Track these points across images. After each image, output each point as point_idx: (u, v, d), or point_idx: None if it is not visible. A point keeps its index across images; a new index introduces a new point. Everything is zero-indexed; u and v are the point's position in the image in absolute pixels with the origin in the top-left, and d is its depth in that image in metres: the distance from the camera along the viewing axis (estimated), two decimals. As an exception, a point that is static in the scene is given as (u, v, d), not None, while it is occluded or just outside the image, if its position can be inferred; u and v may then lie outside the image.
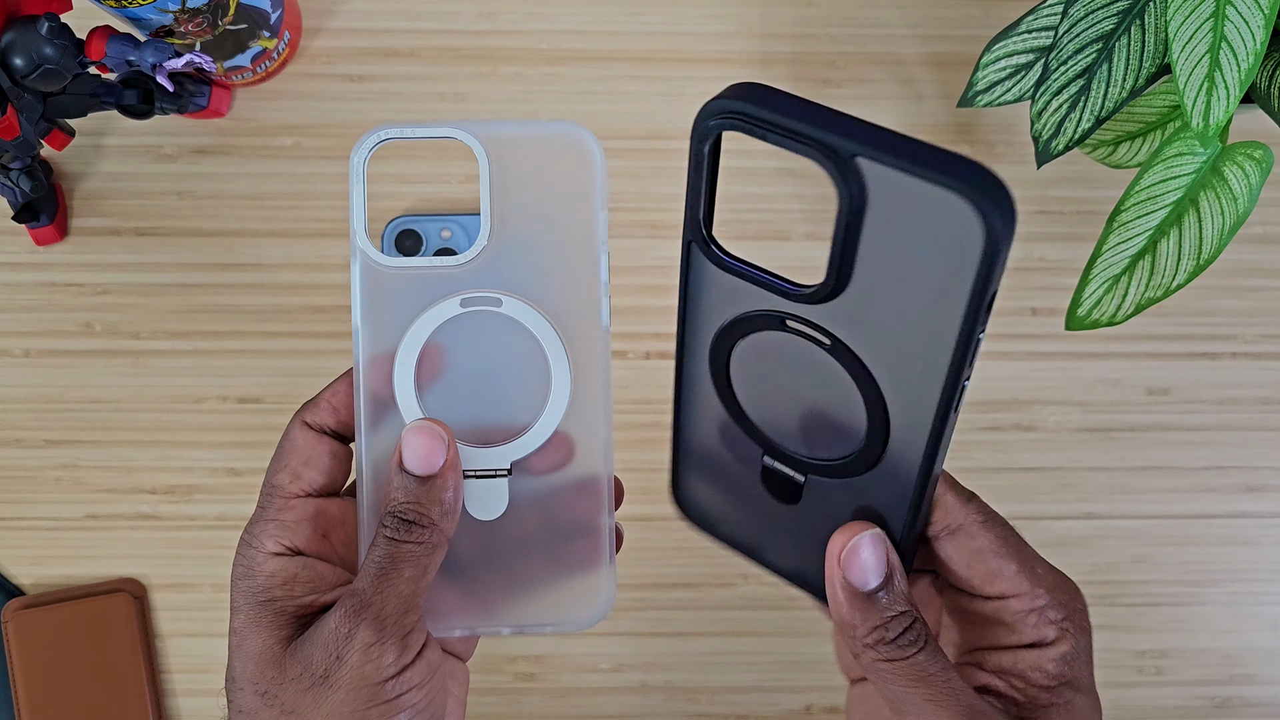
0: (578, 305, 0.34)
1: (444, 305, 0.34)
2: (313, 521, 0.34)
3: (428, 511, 0.33)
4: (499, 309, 0.34)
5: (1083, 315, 0.48)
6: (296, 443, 0.35)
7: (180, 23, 0.51)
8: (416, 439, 0.33)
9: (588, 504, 0.35)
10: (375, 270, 0.34)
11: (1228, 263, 0.61)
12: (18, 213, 0.57)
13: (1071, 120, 0.48)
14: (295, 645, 0.32)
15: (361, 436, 0.35)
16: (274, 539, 0.34)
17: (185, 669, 0.59)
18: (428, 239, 0.59)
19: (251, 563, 0.34)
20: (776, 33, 0.61)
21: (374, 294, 0.34)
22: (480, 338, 0.34)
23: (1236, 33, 0.42)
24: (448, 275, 0.34)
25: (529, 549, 0.35)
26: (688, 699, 0.60)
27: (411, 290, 0.34)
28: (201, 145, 0.60)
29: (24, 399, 0.60)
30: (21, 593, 0.59)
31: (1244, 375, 0.61)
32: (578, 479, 0.35)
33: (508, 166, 0.34)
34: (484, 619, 0.35)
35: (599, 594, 0.35)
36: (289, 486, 0.34)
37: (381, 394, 0.34)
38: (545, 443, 0.35)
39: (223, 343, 0.60)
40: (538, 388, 0.35)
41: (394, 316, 0.34)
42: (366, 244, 0.34)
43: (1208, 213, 0.46)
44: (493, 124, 0.35)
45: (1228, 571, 0.61)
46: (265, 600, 0.33)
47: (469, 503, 0.35)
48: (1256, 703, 0.61)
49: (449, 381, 0.35)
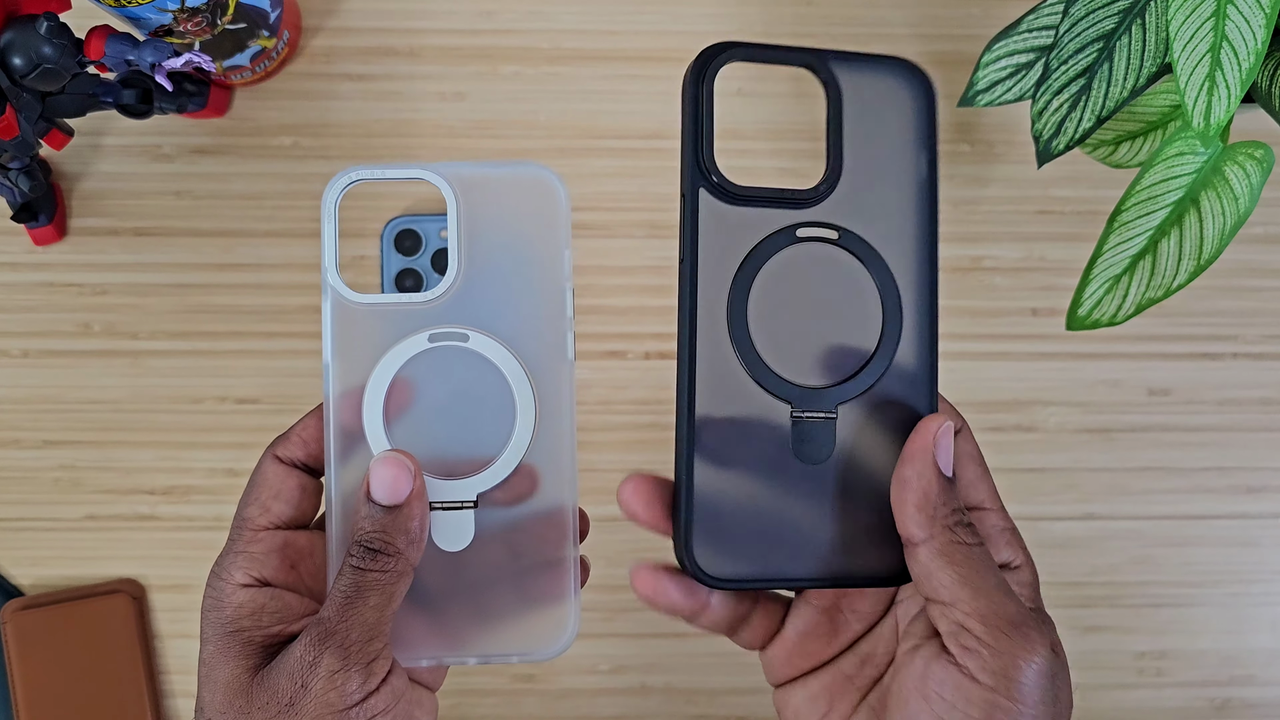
0: (543, 340, 0.36)
1: (412, 340, 0.35)
2: (280, 553, 0.35)
3: (393, 540, 0.33)
4: (466, 344, 0.36)
5: (1083, 315, 0.48)
6: (266, 476, 0.36)
7: (179, 22, 0.51)
8: (383, 469, 0.34)
9: (553, 536, 0.36)
10: (346, 307, 0.35)
11: (1229, 263, 0.61)
12: (16, 212, 0.56)
13: (1072, 120, 0.48)
14: (263, 674, 0.33)
15: (331, 470, 0.36)
16: (242, 570, 0.35)
17: (184, 669, 0.59)
18: (427, 238, 0.59)
19: (220, 594, 0.34)
20: (777, 32, 0.61)
21: (344, 330, 0.35)
22: (447, 372, 0.36)
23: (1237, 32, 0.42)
24: (416, 311, 0.35)
25: (495, 580, 0.36)
26: (687, 701, 0.60)
27: (381, 326, 0.35)
28: (200, 145, 0.60)
29: (22, 399, 0.60)
30: (20, 593, 0.59)
31: (1245, 376, 0.61)
32: (543, 511, 0.36)
33: (475, 206, 0.36)
34: (450, 649, 0.36)
35: (564, 625, 0.36)
36: (258, 519, 0.35)
37: (351, 428, 0.35)
38: (510, 475, 0.36)
39: (221, 343, 0.60)
40: (503, 421, 0.36)
41: (364, 352, 0.35)
42: (338, 281, 0.35)
43: (1209, 213, 0.46)
44: (460, 165, 0.36)
45: (1228, 572, 0.61)
46: (233, 631, 0.34)
47: (435, 534, 0.35)
48: (1257, 704, 0.61)
49: (417, 415, 0.36)
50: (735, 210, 0.33)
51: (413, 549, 0.34)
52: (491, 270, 0.36)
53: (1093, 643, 0.61)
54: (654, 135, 0.61)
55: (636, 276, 0.60)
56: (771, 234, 0.33)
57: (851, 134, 0.35)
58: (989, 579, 0.32)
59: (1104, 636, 0.61)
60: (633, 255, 0.60)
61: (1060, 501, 0.61)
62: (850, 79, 0.34)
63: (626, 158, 0.61)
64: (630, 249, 0.60)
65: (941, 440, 0.33)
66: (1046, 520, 0.61)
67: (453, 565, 0.36)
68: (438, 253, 0.59)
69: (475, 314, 0.36)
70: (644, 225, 0.60)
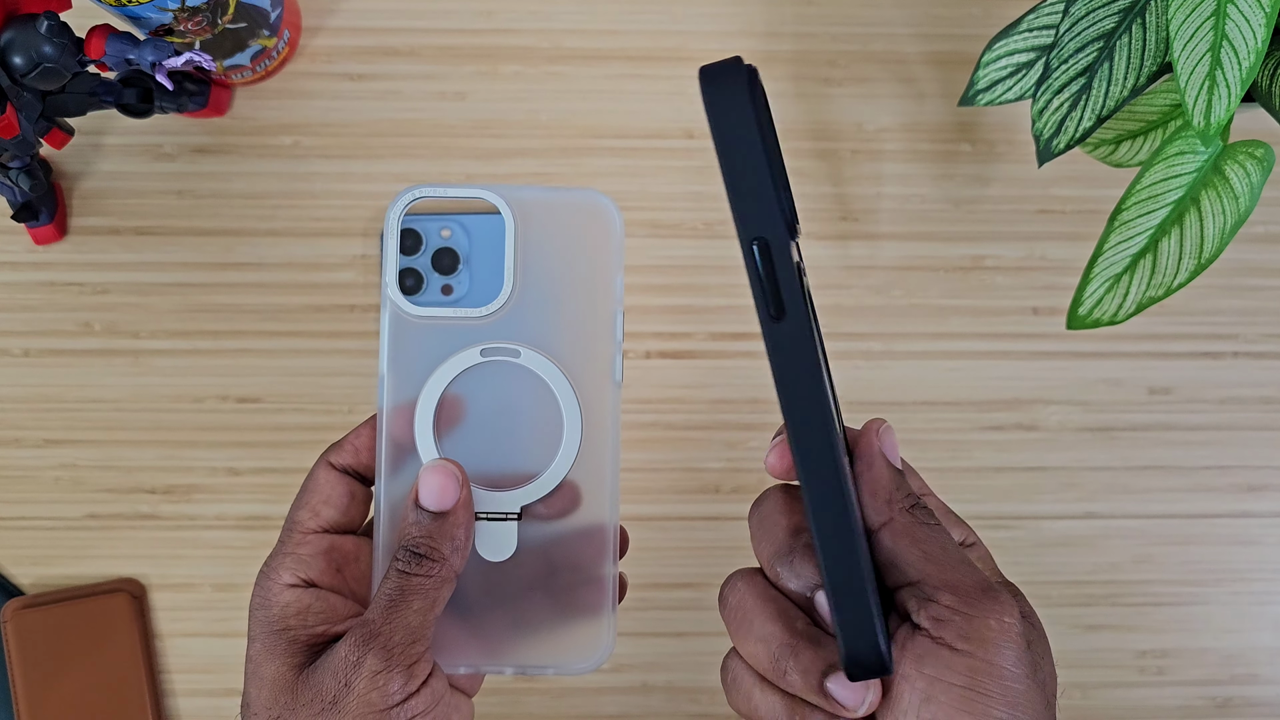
0: (592, 360, 0.37)
1: (465, 354, 0.36)
2: (327, 556, 0.36)
3: (439, 546, 0.35)
4: (517, 360, 0.37)
5: (1084, 314, 0.48)
6: (319, 481, 0.37)
7: (180, 21, 0.51)
8: (432, 477, 0.35)
9: (592, 552, 0.37)
10: (403, 319, 0.36)
11: (1229, 262, 0.61)
12: (17, 212, 0.57)
13: (1073, 119, 0.48)
14: (308, 672, 0.34)
15: (381, 478, 0.37)
16: (290, 571, 0.36)
17: (185, 669, 0.59)
18: (428, 238, 0.59)
19: (268, 593, 0.35)
20: (777, 31, 0.61)
21: (400, 341, 0.37)
22: (498, 387, 0.37)
23: (1238, 31, 0.42)
24: (470, 326, 0.37)
25: (534, 592, 0.37)
26: (689, 699, 0.60)
27: (435, 339, 0.37)
28: (201, 144, 0.60)
29: (23, 398, 0.60)
30: (21, 593, 0.59)
31: (1245, 375, 0.61)
32: (584, 527, 0.37)
33: (532, 228, 0.37)
34: (488, 658, 0.37)
35: (600, 640, 0.37)
36: (307, 522, 0.37)
37: (402, 439, 0.37)
38: (554, 490, 0.37)
39: (222, 342, 0.60)
40: (550, 437, 0.37)
41: (418, 363, 0.37)
42: (398, 294, 0.36)
43: (1209, 212, 0.46)
44: (521, 189, 0.37)
45: (1229, 571, 0.61)
46: (280, 629, 0.35)
47: (479, 544, 0.37)
48: (1258, 702, 0.61)
49: (466, 427, 0.37)
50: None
51: (457, 556, 0.35)
52: (545, 290, 0.37)
53: (1094, 641, 0.61)
54: (654, 135, 0.61)
55: (638, 276, 0.60)
56: None
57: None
58: (952, 554, 0.33)
59: (1105, 635, 0.61)
60: (633, 255, 0.60)
61: (1061, 500, 0.61)
62: None
63: (626, 158, 0.61)
64: (630, 249, 0.60)
65: (885, 437, 0.35)
66: (1048, 519, 0.61)
67: (494, 576, 0.37)
68: (438, 252, 0.59)
69: (527, 331, 0.37)
70: (644, 225, 0.60)
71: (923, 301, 0.61)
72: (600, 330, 0.37)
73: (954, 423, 0.61)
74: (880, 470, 0.34)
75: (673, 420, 0.60)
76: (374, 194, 0.60)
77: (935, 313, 0.61)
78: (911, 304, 0.61)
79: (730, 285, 0.60)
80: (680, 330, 0.60)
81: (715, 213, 0.60)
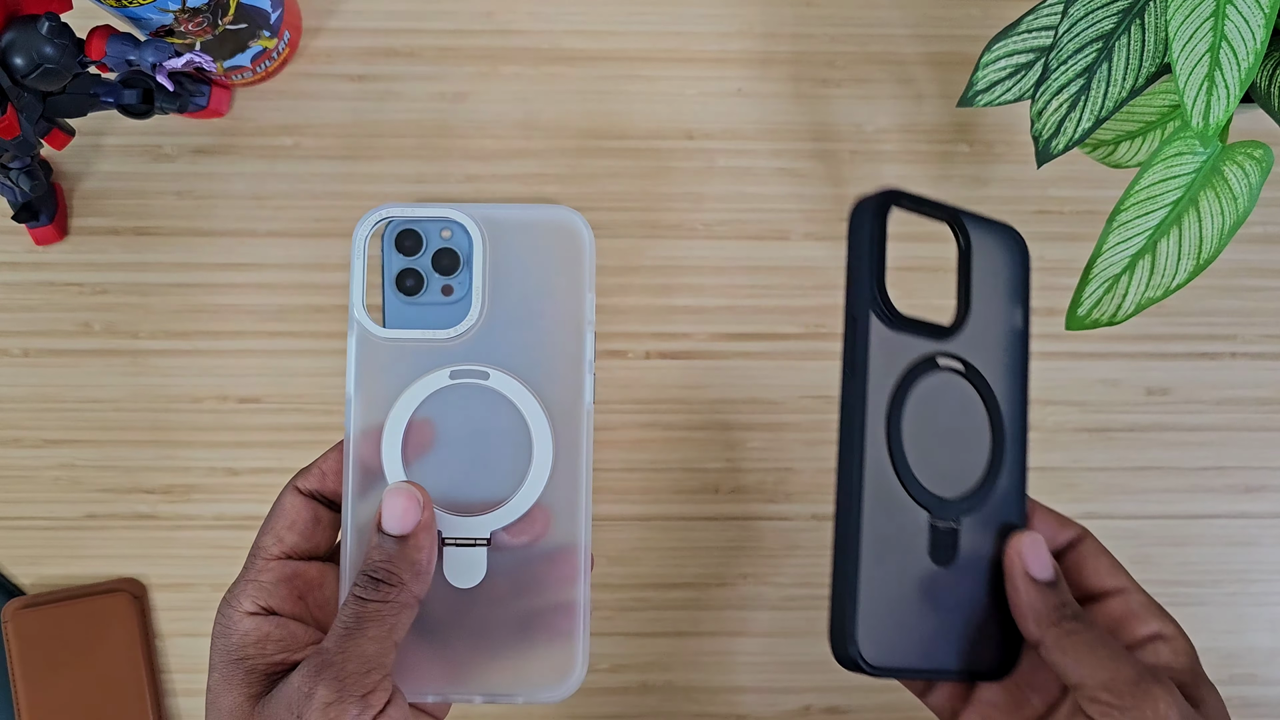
0: (563, 382, 0.36)
1: (433, 376, 0.36)
2: (290, 583, 0.36)
3: (398, 571, 0.34)
4: (486, 382, 0.36)
5: (1082, 315, 0.48)
6: (284, 506, 0.36)
7: (180, 22, 0.51)
8: (393, 500, 0.34)
9: (564, 577, 0.36)
10: (371, 341, 0.36)
11: (1228, 263, 0.61)
12: (17, 212, 0.57)
13: (1071, 120, 0.48)
14: (263, 703, 0.33)
15: (348, 502, 0.36)
16: (251, 599, 0.35)
17: (185, 669, 0.59)
18: (428, 238, 0.59)
19: (228, 621, 0.35)
20: (777, 32, 0.61)
21: (368, 363, 0.36)
22: (467, 409, 0.36)
23: (1237, 32, 0.42)
24: (439, 348, 0.36)
25: (504, 618, 0.36)
26: (687, 699, 0.60)
27: (404, 361, 0.36)
28: (201, 145, 0.60)
29: (23, 398, 0.60)
30: (21, 593, 0.59)
31: (1244, 375, 0.61)
32: (555, 551, 0.36)
33: (502, 247, 0.36)
34: (456, 686, 0.36)
35: (572, 666, 0.36)
36: (270, 548, 0.36)
37: (370, 463, 0.36)
38: (525, 514, 0.36)
39: (222, 343, 0.60)
40: (520, 460, 0.36)
41: (386, 385, 0.36)
42: (364, 316, 0.36)
43: (1208, 212, 0.46)
44: (490, 208, 0.37)
45: (1227, 572, 0.61)
46: (238, 659, 0.34)
47: (447, 570, 0.36)
48: (1257, 703, 0.61)
49: (434, 451, 0.36)
50: (894, 336, 0.37)
51: (417, 581, 0.34)
52: (514, 310, 0.36)
53: (1092, 642, 0.61)
54: (654, 135, 0.61)
55: (637, 276, 0.60)
56: (920, 356, 0.37)
57: (978, 284, 0.40)
58: (1103, 652, 0.35)
59: (1103, 636, 0.61)
60: (633, 255, 0.60)
61: (1059, 501, 0.61)
62: (978, 237, 0.40)
63: (626, 158, 0.61)
64: (630, 249, 0.60)
65: (1027, 554, 0.37)
66: (1046, 519, 0.61)
67: (463, 602, 0.36)
68: (438, 252, 0.59)
69: (496, 353, 0.36)
70: (644, 225, 0.60)
71: (921, 302, 0.61)
72: (570, 350, 0.36)
73: (953, 423, 0.61)
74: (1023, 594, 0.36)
75: (672, 420, 0.60)
76: (374, 195, 0.60)
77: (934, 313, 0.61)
78: (911, 304, 0.61)
79: (730, 285, 0.60)
80: (680, 330, 0.60)
81: (715, 213, 0.61)
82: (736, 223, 0.61)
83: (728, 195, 0.61)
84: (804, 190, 0.61)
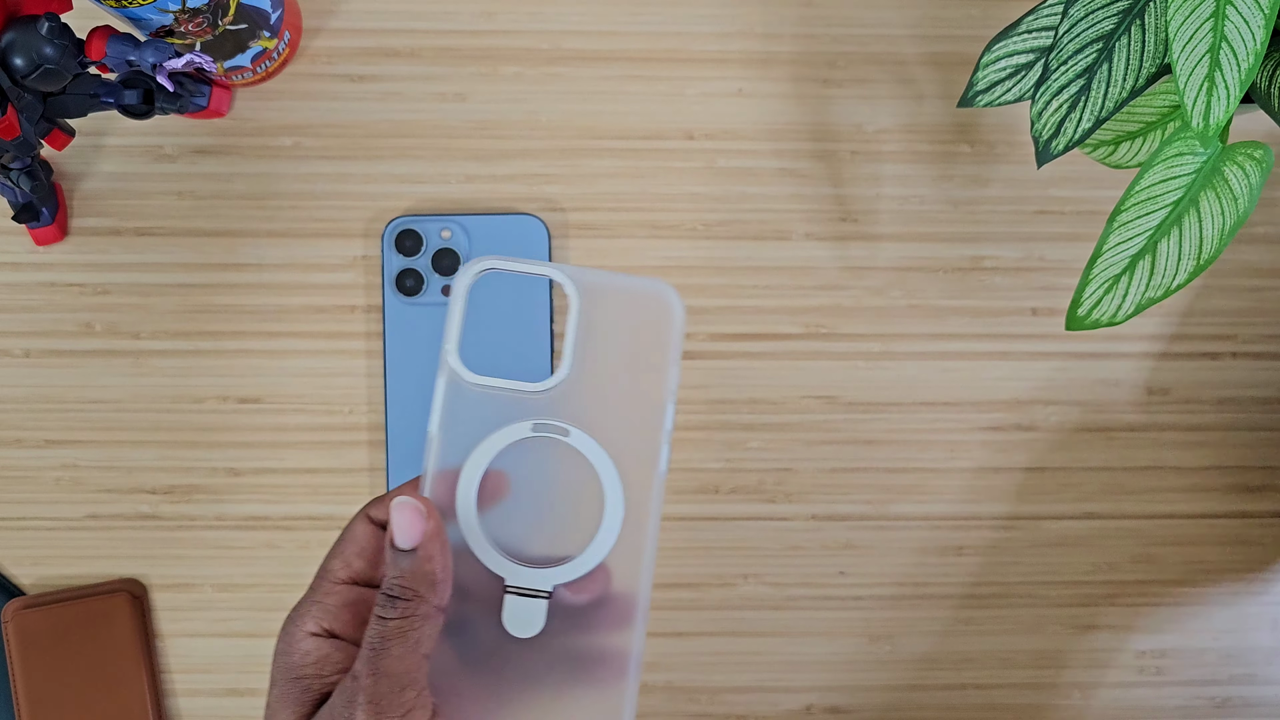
0: (639, 448, 0.37)
1: (515, 427, 0.36)
2: (353, 608, 0.36)
3: (413, 585, 0.34)
4: (566, 438, 0.36)
5: (1083, 315, 0.48)
6: (355, 533, 0.37)
7: (180, 23, 0.51)
8: (398, 515, 0.35)
9: (618, 631, 0.37)
10: (460, 385, 0.36)
11: (1228, 263, 0.61)
12: (18, 212, 0.57)
13: (1071, 120, 0.48)
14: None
15: None
16: (314, 620, 0.36)
17: (185, 669, 0.59)
18: (428, 239, 0.59)
19: (291, 640, 0.35)
20: (777, 32, 0.61)
21: (454, 408, 0.36)
22: (543, 463, 0.37)
23: (1237, 32, 0.42)
24: (524, 400, 0.37)
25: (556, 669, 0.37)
26: (687, 699, 0.60)
27: (489, 408, 0.37)
28: (202, 145, 0.61)
29: (24, 399, 0.60)
30: (21, 593, 0.59)
31: (1244, 375, 0.61)
32: (614, 611, 0.37)
33: (595, 310, 0.37)
34: None
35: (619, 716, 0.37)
36: (338, 572, 0.37)
37: (443, 504, 0.36)
38: (588, 572, 0.36)
39: (223, 343, 0.60)
40: (590, 519, 0.37)
41: (468, 428, 0.37)
42: (457, 362, 0.36)
43: (1208, 213, 0.46)
44: (590, 272, 0.37)
45: (1228, 571, 0.61)
46: (296, 678, 0.35)
47: (508, 619, 0.36)
48: (1257, 703, 0.61)
49: (508, 500, 0.37)
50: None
51: (434, 592, 0.34)
52: (601, 373, 0.37)
53: (1093, 641, 0.61)
54: (654, 135, 0.61)
55: (637, 276, 0.60)
56: None
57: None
58: None
59: (1104, 635, 0.61)
60: (633, 255, 0.60)
61: (1060, 500, 0.61)
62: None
63: (626, 158, 0.61)
64: (630, 249, 0.60)
65: None
66: (1047, 519, 0.61)
67: (519, 651, 0.36)
68: (438, 253, 0.59)
69: (579, 412, 0.37)
70: (644, 225, 0.60)
71: (921, 302, 0.61)
72: (651, 419, 0.37)
73: (952, 423, 0.61)
74: None
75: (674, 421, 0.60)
76: (375, 195, 0.60)
77: (934, 313, 0.61)
78: (910, 305, 0.61)
79: (730, 285, 0.60)
80: (680, 331, 0.60)
81: (715, 213, 0.61)
82: (736, 223, 0.61)
83: (728, 195, 0.61)
84: (804, 190, 0.61)
